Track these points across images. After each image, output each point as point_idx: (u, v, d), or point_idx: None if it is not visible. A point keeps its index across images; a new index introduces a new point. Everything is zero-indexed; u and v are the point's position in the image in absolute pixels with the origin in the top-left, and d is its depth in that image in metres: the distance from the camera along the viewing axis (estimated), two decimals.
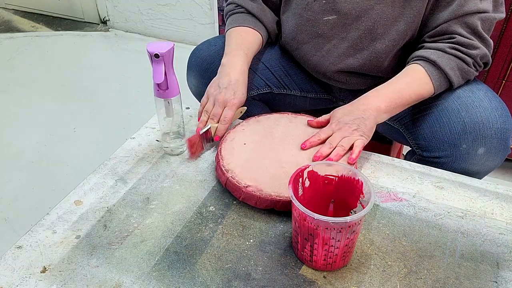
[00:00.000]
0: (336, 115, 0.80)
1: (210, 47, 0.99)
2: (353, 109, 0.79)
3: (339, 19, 0.86)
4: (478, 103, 0.81)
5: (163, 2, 2.26)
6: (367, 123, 0.77)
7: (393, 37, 0.85)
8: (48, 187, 1.41)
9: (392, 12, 0.83)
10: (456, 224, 0.70)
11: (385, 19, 0.84)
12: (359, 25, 0.85)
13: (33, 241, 0.65)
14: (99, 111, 1.81)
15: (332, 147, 0.76)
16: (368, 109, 0.78)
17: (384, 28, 0.84)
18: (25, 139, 1.63)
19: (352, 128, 0.76)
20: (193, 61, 1.00)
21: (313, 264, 0.62)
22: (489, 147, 0.80)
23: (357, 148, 0.75)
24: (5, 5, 2.71)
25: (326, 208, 0.69)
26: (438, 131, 0.83)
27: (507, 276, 0.62)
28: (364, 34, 0.86)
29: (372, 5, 0.83)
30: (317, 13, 0.88)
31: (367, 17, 0.84)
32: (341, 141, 0.76)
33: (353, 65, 0.90)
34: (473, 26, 0.79)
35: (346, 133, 0.76)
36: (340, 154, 0.75)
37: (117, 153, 0.82)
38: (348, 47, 0.89)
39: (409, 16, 0.83)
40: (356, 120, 0.77)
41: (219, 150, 0.78)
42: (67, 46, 2.33)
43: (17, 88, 1.95)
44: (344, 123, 0.77)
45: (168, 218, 0.69)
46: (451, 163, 0.82)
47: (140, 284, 0.59)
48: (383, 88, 0.81)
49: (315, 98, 1.06)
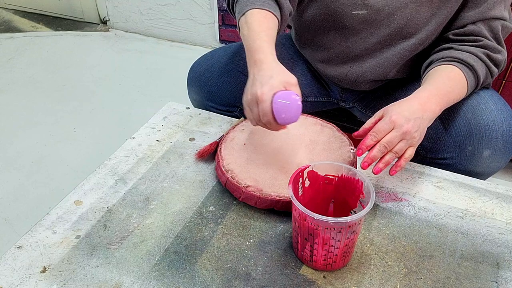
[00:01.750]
0: (394, 108, 0.70)
1: (207, 61, 0.98)
2: (411, 107, 0.70)
3: (370, 15, 0.83)
4: (484, 105, 0.81)
5: (163, 2, 2.26)
6: (425, 125, 0.70)
7: (422, 36, 0.83)
8: (48, 187, 1.41)
9: (427, 11, 0.80)
10: (456, 224, 0.70)
11: (418, 19, 0.81)
12: (391, 22, 0.82)
13: (33, 241, 0.65)
14: (99, 111, 1.81)
15: (386, 150, 0.67)
16: (427, 110, 0.70)
17: (416, 27, 0.82)
18: (25, 139, 1.63)
19: (414, 129, 0.68)
20: (191, 77, 1.00)
21: (313, 264, 0.62)
22: (495, 149, 0.80)
23: (405, 161, 0.69)
24: (5, 5, 2.71)
25: (326, 208, 0.69)
26: (443, 133, 0.83)
27: (507, 276, 0.62)
28: (395, 32, 0.83)
29: (406, 3, 0.80)
30: (346, 6, 0.83)
31: (399, 15, 0.81)
32: (397, 146, 0.67)
33: (375, 64, 0.88)
34: (496, 31, 0.79)
35: (406, 135, 0.67)
36: (389, 163, 0.68)
37: (117, 153, 0.82)
38: (376, 43, 0.86)
39: (442, 17, 0.81)
40: (418, 119, 0.69)
41: (219, 150, 0.78)
42: (67, 46, 2.33)
43: (17, 88, 1.95)
44: (406, 119, 0.67)
45: (168, 218, 0.69)
46: (456, 164, 0.82)
47: (140, 284, 0.59)
48: (433, 89, 0.74)
49: (315, 102, 1.05)
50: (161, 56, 2.21)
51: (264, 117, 0.67)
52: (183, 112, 0.94)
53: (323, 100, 1.05)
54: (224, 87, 0.95)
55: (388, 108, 0.71)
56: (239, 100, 0.96)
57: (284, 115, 0.66)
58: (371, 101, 0.99)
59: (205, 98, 0.96)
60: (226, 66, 0.96)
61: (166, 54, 2.24)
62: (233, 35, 2.17)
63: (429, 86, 0.75)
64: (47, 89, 1.95)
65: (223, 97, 0.95)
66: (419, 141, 0.70)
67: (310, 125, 0.84)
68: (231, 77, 0.95)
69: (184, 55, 2.22)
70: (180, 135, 0.87)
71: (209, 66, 0.96)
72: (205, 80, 0.96)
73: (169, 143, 0.85)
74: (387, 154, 0.68)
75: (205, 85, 0.96)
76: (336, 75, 0.94)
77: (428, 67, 0.82)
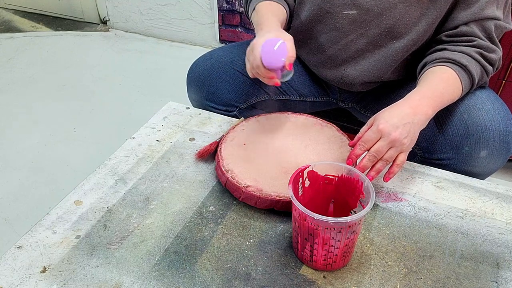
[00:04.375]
0: (383, 116, 0.70)
1: (206, 60, 0.98)
2: (401, 112, 0.70)
3: (360, 15, 0.84)
4: (480, 106, 0.81)
5: (163, 2, 2.26)
6: (416, 129, 0.70)
7: (413, 37, 0.83)
8: (48, 187, 1.41)
9: (416, 11, 0.81)
10: (456, 224, 0.70)
11: (407, 19, 0.81)
12: (380, 22, 0.83)
13: (33, 241, 0.65)
14: (99, 111, 1.81)
15: (377, 159, 0.68)
16: (418, 113, 0.70)
17: (405, 27, 0.82)
18: (25, 139, 1.63)
19: (403, 136, 0.68)
20: (191, 76, 1.00)
21: (313, 264, 0.62)
22: (492, 150, 0.80)
23: (398, 167, 0.70)
24: (5, 5, 2.71)
25: (326, 208, 0.69)
26: (440, 133, 0.83)
27: (507, 276, 0.62)
28: (384, 33, 0.84)
29: (395, 3, 0.80)
30: (337, 6, 0.85)
31: (389, 15, 0.82)
32: (386, 154, 0.68)
33: (368, 66, 0.88)
34: (489, 31, 0.79)
35: (395, 142, 0.68)
36: (380, 170, 0.69)
37: (117, 153, 0.82)
38: (366, 44, 0.87)
39: (431, 17, 0.81)
40: (407, 125, 0.68)
41: (219, 150, 0.78)
42: (67, 46, 2.33)
43: (17, 88, 1.95)
44: (394, 126, 0.68)
45: (168, 218, 0.69)
46: (453, 165, 0.82)
47: (140, 284, 0.59)
48: (426, 91, 0.74)
49: (314, 102, 1.05)
50: (161, 56, 2.21)
51: (254, 62, 0.73)
52: (183, 112, 0.94)
53: (322, 100, 1.05)
54: (223, 87, 0.95)
55: (377, 115, 0.71)
56: (238, 99, 0.96)
57: (269, 59, 0.71)
58: (370, 102, 0.99)
59: (204, 98, 0.96)
60: (225, 66, 0.96)
61: (166, 54, 2.24)
62: (233, 35, 2.17)
63: (422, 88, 0.75)
64: (47, 89, 1.95)
65: (222, 97, 0.96)
66: (410, 146, 0.70)
67: (310, 125, 0.84)
68: (230, 77, 0.95)
69: (184, 55, 2.22)
70: (180, 135, 0.87)
71: (208, 66, 0.96)
72: (204, 79, 0.96)
73: (169, 143, 0.85)
74: (378, 162, 0.69)
75: (204, 85, 0.96)
76: (332, 78, 0.95)
77: (422, 69, 0.82)
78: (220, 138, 0.82)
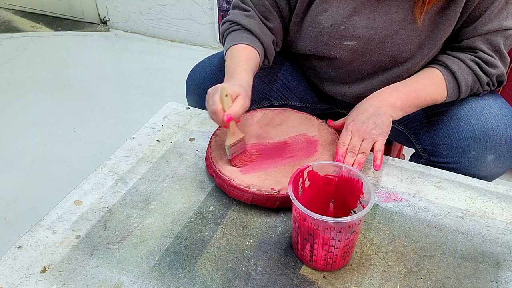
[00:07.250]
0: (351, 115, 0.78)
1: (206, 68, 0.97)
2: (367, 106, 0.77)
3: (360, 45, 0.82)
4: (488, 110, 0.81)
5: (163, 2, 2.26)
6: (383, 119, 0.75)
7: (417, 60, 0.82)
8: (48, 187, 1.41)
9: (418, 36, 0.79)
10: (456, 224, 0.70)
11: (410, 44, 0.80)
12: (382, 50, 0.82)
13: (33, 241, 0.65)
14: (99, 111, 1.81)
15: (355, 154, 0.74)
16: (383, 105, 0.76)
17: (409, 52, 0.81)
18: (25, 139, 1.63)
19: (370, 128, 0.75)
20: (190, 84, 0.98)
21: (313, 264, 0.62)
22: (498, 154, 0.79)
23: (379, 153, 0.74)
24: (5, 5, 2.71)
25: (326, 208, 0.69)
26: (446, 137, 0.83)
27: (507, 276, 0.62)
28: (388, 59, 0.83)
29: (396, 30, 0.79)
30: (335, 38, 0.83)
31: (391, 42, 0.80)
32: (361, 147, 0.75)
33: (374, 84, 0.88)
34: (495, 44, 0.78)
35: (365, 135, 0.75)
36: (361, 162, 0.74)
37: (117, 153, 0.82)
38: (370, 68, 0.86)
39: (436, 40, 0.80)
40: (372, 117, 0.75)
41: (212, 158, 0.76)
42: (67, 46, 2.33)
43: (17, 88, 1.95)
44: (360, 123, 0.76)
45: (168, 218, 0.69)
46: (459, 169, 0.82)
47: (140, 284, 0.59)
48: (400, 85, 0.79)
49: (315, 108, 1.05)
50: (161, 56, 2.21)
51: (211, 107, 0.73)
52: (183, 112, 0.94)
53: (323, 107, 1.05)
54: None
55: (348, 116, 0.79)
56: None
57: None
58: None
59: (204, 106, 0.95)
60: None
61: (166, 54, 2.24)
62: None
63: (399, 83, 0.80)
64: (47, 89, 1.95)
65: None
66: (381, 133, 0.75)
67: (310, 125, 0.84)
68: None
69: (184, 55, 2.22)
70: (180, 135, 0.87)
71: (208, 74, 0.95)
72: (204, 89, 0.94)
73: (169, 143, 0.85)
74: (357, 155, 0.75)
75: (204, 94, 0.95)
76: (335, 93, 0.95)
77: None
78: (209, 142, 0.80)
